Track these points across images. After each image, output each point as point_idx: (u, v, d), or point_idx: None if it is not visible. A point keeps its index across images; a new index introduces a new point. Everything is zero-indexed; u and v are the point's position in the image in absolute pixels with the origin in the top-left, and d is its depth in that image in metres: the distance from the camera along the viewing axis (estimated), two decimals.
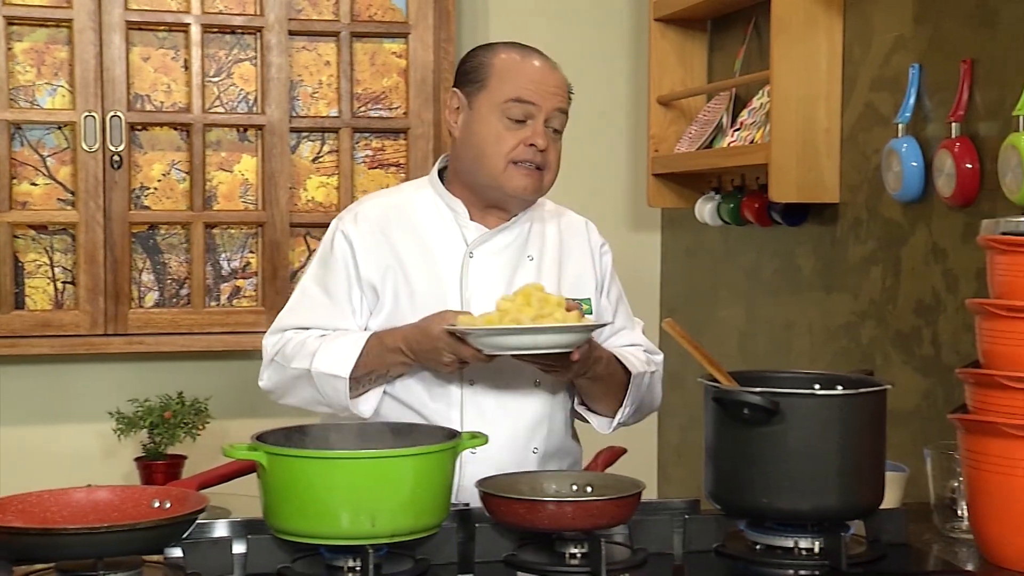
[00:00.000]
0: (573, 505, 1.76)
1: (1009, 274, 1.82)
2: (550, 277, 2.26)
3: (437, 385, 2.19)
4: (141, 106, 3.65)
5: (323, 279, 2.25)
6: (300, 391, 2.21)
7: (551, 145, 2.20)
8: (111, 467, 3.59)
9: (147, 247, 3.69)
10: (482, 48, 2.28)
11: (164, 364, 3.67)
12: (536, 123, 2.18)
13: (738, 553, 1.83)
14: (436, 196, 2.28)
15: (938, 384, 2.64)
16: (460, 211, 2.25)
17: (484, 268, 2.23)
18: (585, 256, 2.35)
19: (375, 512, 1.68)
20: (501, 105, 2.18)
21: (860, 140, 2.95)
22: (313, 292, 2.25)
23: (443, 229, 2.25)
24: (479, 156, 2.20)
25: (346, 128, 3.77)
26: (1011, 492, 1.77)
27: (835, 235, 3.06)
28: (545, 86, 2.19)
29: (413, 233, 2.24)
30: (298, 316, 2.25)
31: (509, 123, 2.18)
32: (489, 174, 2.19)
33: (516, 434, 2.21)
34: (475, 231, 2.25)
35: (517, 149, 2.17)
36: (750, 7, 3.39)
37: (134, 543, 1.62)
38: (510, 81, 2.19)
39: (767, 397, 1.79)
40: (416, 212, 2.27)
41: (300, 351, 2.19)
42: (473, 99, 2.22)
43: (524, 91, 2.17)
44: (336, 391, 2.14)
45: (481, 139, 2.19)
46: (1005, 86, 2.42)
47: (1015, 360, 1.78)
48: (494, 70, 2.20)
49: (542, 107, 2.18)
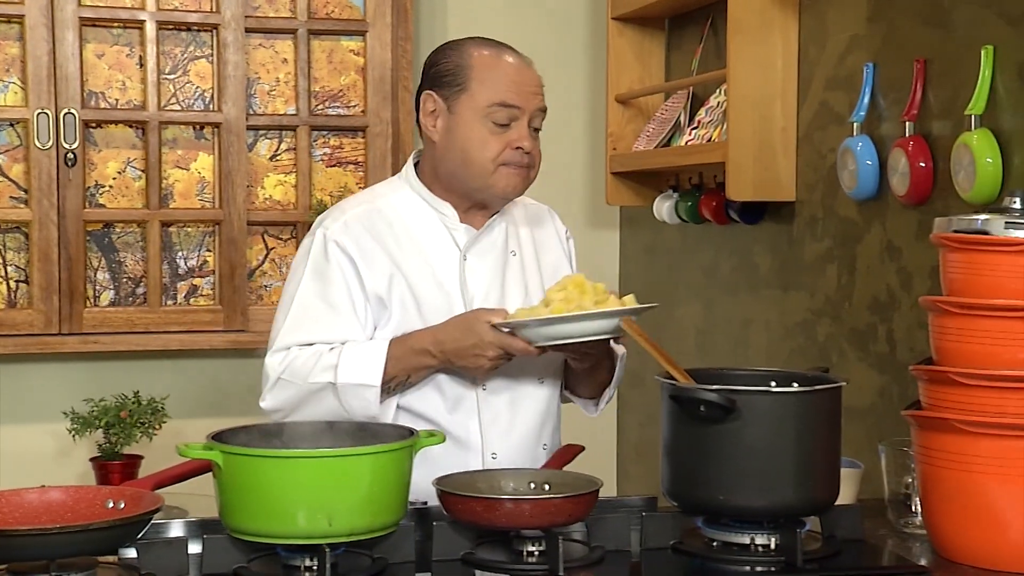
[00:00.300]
0: (531, 503, 1.76)
1: (961, 272, 1.84)
2: (531, 269, 2.28)
3: (454, 394, 2.17)
4: (95, 103, 3.62)
5: (322, 291, 2.17)
6: (317, 406, 2.12)
7: (534, 145, 2.19)
8: (66, 467, 3.56)
9: (102, 245, 3.66)
10: (453, 48, 2.22)
11: (120, 363, 3.64)
12: (520, 125, 2.16)
13: (695, 550, 1.83)
14: (418, 198, 2.25)
15: (893, 381, 2.66)
16: (449, 213, 2.23)
17: (478, 269, 2.22)
18: (556, 245, 2.37)
19: (332, 511, 1.67)
20: (485, 110, 2.15)
21: (816, 139, 2.97)
22: (313, 305, 2.17)
23: (433, 233, 2.23)
24: (466, 162, 2.17)
25: (304, 126, 3.75)
26: (963, 488, 1.79)
27: (791, 233, 3.08)
28: (526, 87, 2.17)
29: (405, 238, 2.21)
30: (302, 332, 2.16)
31: (494, 127, 2.15)
32: (477, 178, 2.17)
33: (528, 433, 2.21)
34: (464, 233, 2.23)
35: (504, 153, 2.16)
36: (707, 6, 3.40)
37: (87, 544, 1.61)
38: (491, 84, 2.16)
39: (724, 395, 1.80)
40: (402, 216, 2.23)
41: (316, 365, 2.11)
42: (453, 103, 2.18)
43: (507, 95, 2.15)
44: (365, 401, 2.09)
45: (466, 144, 2.16)
46: (957, 85, 2.44)
47: (967, 356, 1.80)
48: (474, 72, 2.17)
49: (525, 109, 2.16)
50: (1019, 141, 2.27)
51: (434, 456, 2.03)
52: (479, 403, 2.19)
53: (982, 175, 2.30)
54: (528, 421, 2.21)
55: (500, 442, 2.19)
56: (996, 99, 2.32)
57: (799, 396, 1.85)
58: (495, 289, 2.21)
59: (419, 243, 2.21)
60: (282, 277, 3.80)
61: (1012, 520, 1.76)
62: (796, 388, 1.87)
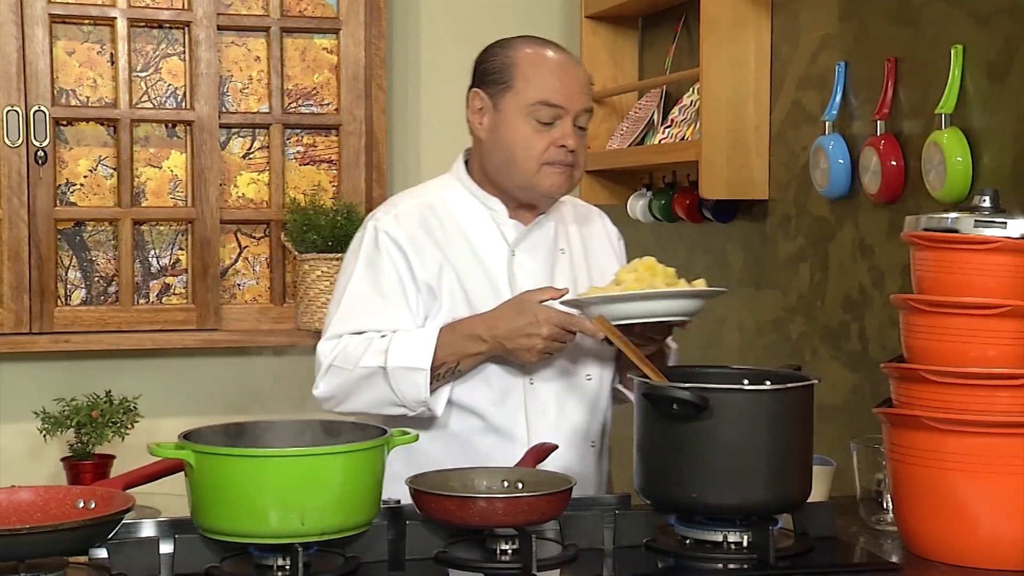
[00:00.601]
0: (504, 501, 1.76)
1: (931, 270, 1.85)
2: (580, 267, 2.29)
3: (501, 386, 2.18)
4: (66, 101, 3.60)
5: (374, 281, 2.19)
6: (368, 392, 2.14)
7: (579, 143, 2.20)
8: (37, 467, 3.54)
9: (73, 244, 3.63)
10: (502, 46, 2.24)
11: (92, 363, 3.61)
12: (565, 123, 2.17)
13: (668, 547, 1.84)
14: (468, 194, 2.27)
15: (865, 378, 2.68)
16: (498, 209, 2.25)
17: (526, 265, 2.23)
18: (605, 246, 2.38)
19: (304, 510, 1.66)
20: (529, 108, 2.16)
21: (788, 137, 2.99)
22: (366, 295, 2.19)
23: (483, 228, 2.24)
24: (510, 160, 2.19)
25: (277, 124, 3.74)
26: (934, 485, 1.80)
27: (764, 232, 3.09)
28: (571, 87, 2.18)
29: (456, 233, 2.23)
30: (354, 321, 2.18)
31: (538, 125, 2.17)
32: (522, 176, 2.19)
33: (576, 430, 2.21)
34: (513, 229, 2.25)
35: (548, 151, 2.17)
36: (680, 5, 3.41)
37: (57, 544, 1.59)
38: (536, 83, 2.17)
39: (696, 392, 1.80)
40: (452, 211, 2.25)
41: (367, 350, 2.13)
42: (498, 100, 2.20)
43: (552, 94, 2.16)
44: (415, 385, 2.10)
45: (511, 142, 2.18)
46: (928, 84, 2.45)
47: (938, 354, 1.81)
48: (519, 70, 2.18)
49: (569, 109, 2.17)
50: (989, 140, 2.29)
51: (480, 449, 2.08)
52: (526, 396, 2.19)
53: (952, 174, 2.31)
54: (576, 417, 2.21)
55: (547, 437, 2.18)
56: (966, 98, 2.34)
57: (772, 394, 1.86)
58: (543, 285, 2.20)
59: (469, 237, 2.23)
60: (256, 276, 3.79)
61: (981, 516, 1.78)
62: (769, 386, 1.88)
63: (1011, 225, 1.81)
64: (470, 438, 2.17)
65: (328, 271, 3.60)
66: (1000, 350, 1.79)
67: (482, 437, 2.16)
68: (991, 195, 1.86)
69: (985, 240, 1.80)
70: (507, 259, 2.23)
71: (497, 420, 2.17)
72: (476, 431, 2.18)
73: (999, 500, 1.77)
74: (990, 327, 1.79)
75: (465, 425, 2.19)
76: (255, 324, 3.75)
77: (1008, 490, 1.76)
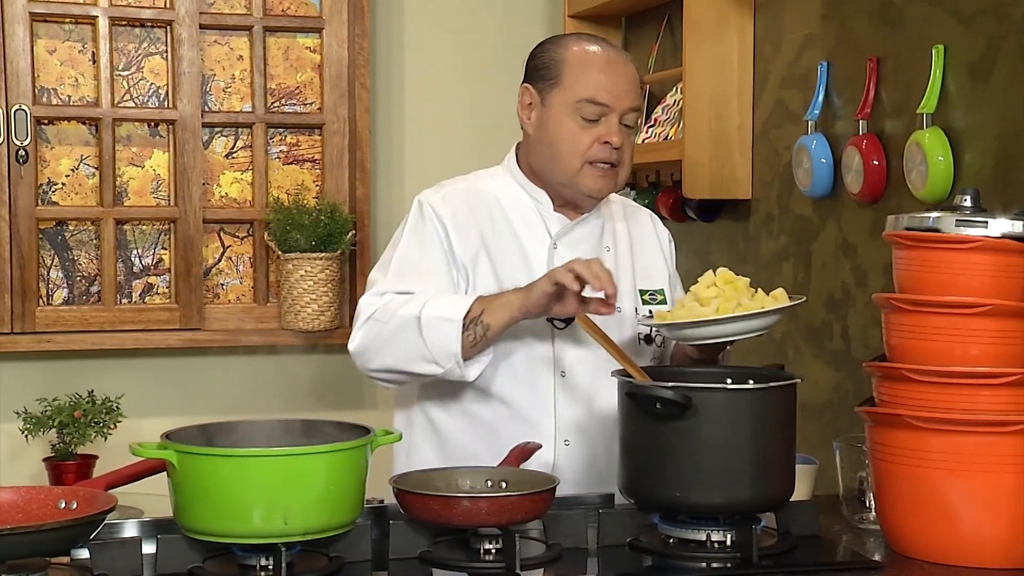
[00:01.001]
0: (488, 501, 1.76)
1: (912, 269, 1.86)
2: (625, 267, 2.28)
3: (530, 377, 2.17)
4: (47, 100, 3.58)
5: (420, 251, 2.20)
6: (401, 344, 2.10)
7: (625, 141, 2.19)
8: (18, 468, 3.52)
9: (55, 243, 3.62)
10: (552, 42, 2.26)
11: (74, 363, 3.60)
12: (610, 121, 2.17)
13: (651, 546, 1.84)
14: (517, 186, 2.27)
15: (848, 377, 2.68)
16: (544, 201, 2.25)
17: (567, 259, 2.18)
18: (655, 248, 2.37)
19: (288, 510, 1.66)
20: (574, 104, 2.17)
21: (771, 137, 2.99)
22: (414, 261, 2.20)
23: (527, 219, 2.25)
24: (555, 155, 2.19)
25: (260, 123, 3.73)
26: (916, 483, 1.81)
27: (748, 231, 3.09)
28: (618, 86, 2.18)
29: (501, 222, 2.23)
30: (401, 282, 2.17)
31: (583, 122, 2.17)
32: (565, 173, 2.19)
33: (605, 423, 2.16)
34: (557, 222, 2.25)
35: (592, 148, 2.17)
36: (663, 5, 3.42)
37: (39, 545, 1.59)
38: (583, 80, 2.17)
39: (679, 392, 1.80)
40: (499, 200, 2.26)
41: (407, 303, 2.11)
42: (546, 96, 2.20)
43: (598, 92, 2.16)
44: (445, 337, 2.06)
45: (556, 137, 2.19)
46: (910, 84, 2.46)
47: (919, 353, 1.82)
48: (567, 66, 2.19)
49: (615, 108, 2.17)
50: (970, 140, 2.30)
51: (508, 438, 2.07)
52: (555, 389, 2.19)
53: (934, 173, 2.32)
54: (606, 410, 2.16)
55: (575, 432, 2.18)
56: (947, 98, 2.35)
57: (755, 393, 1.86)
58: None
59: (513, 227, 2.23)
60: (239, 275, 3.78)
61: (963, 515, 1.78)
62: (752, 385, 1.88)
63: (992, 224, 1.82)
64: (498, 427, 2.16)
65: (312, 270, 3.59)
66: (982, 349, 1.80)
67: (511, 427, 2.15)
68: (972, 195, 1.87)
69: (966, 239, 1.81)
70: (548, 251, 2.23)
71: (527, 410, 2.17)
72: (505, 420, 2.17)
73: (981, 498, 1.77)
74: (972, 326, 1.79)
75: (493, 414, 2.18)
76: (238, 324, 3.74)
77: (990, 488, 1.77)
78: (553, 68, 2.21)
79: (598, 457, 2.17)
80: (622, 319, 2.22)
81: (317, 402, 3.73)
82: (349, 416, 2.15)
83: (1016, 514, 1.77)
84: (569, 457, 2.17)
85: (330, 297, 3.62)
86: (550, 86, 2.20)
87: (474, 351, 2.09)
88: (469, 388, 2.18)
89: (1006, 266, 1.82)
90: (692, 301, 2.03)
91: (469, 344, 2.08)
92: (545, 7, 3.97)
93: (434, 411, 2.21)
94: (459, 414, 2.20)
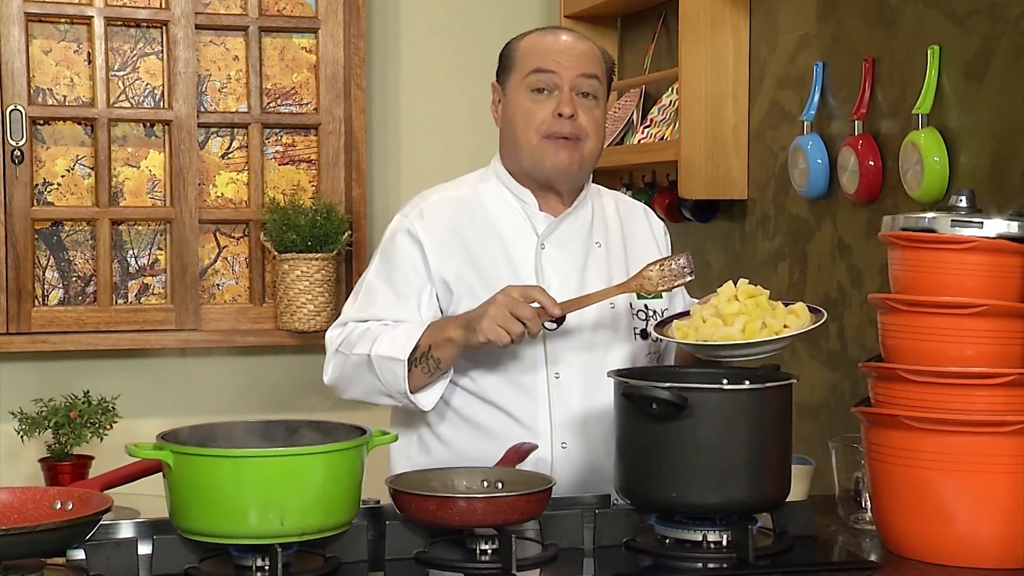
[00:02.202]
0: (484, 501, 1.76)
1: (908, 269, 1.86)
2: (618, 263, 2.25)
3: (525, 382, 2.16)
4: (43, 100, 3.58)
5: (389, 275, 2.20)
6: (361, 380, 2.15)
7: (582, 112, 2.16)
8: (14, 468, 3.52)
9: (51, 244, 3.62)
10: (514, 38, 2.27)
11: (70, 363, 3.60)
12: (562, 92, 2.15)
13: (648, 547, 1.84)
14: (503, 187, 2.25)
15: (844, 378, 2.69)
16: (529, 201, 2.23)
17: (557, 258, 2.21)
18: (649, 242, 2.34)
19: (284, 510, 1.66)
20: (524, 80, 2.17)
21: (767, 137, 2.99)
22: (378, 287, 2.21)
23: (513, 221, 2.23)
24: (515, 139, 2.19)
25: (256, 124, 3.73)
26: (912, 483, 1.81)
27: (744, 231, 3.10)
28: (566, 55, 2.17)
29: (485, 228, 2.22)
30: (362, 310, 2.20)
31: (535, 95, 2.16)
32: (527, 155, 2.18)
33: (603, 425, 2.13)
34: (543, 221, 2.23)
35: (547, 123, 2.15)
36: (659, 5, 3.42)
37: (34, 545, 1.59)
38: (531, 56, 2.18)
39: (676, 392, 1.80)
40: (484, 206, 2.24)
41: (362, 338, 2.14)
42: (505, 85, 2.22)
43: (544, 60, 2.16)
44: (395, 376, 2.09)
45: (513, 119, 2.19)
46: (905, 84, 2.46)
47: (915, 353, 1.82)
48: (519, 51, 2.21)
49: (564, 75, 2.15)
50: (965, 140, 2.30)
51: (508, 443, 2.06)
52: (550, 391, 2.17)
53: (930, 174, 2.33)
54: (602, 412, 2.14)
55: (572, 433, 2.17)
56: (942, 98, 2.35)
57: (751, 393, 1.86)
58: (573, 279, 2.19)
59: (499, 231, 2.22)
60: (235, 276, 3.78)
61: (959, 515, 1.78)
62: (748, 386, 1.88)
63: (987, 225, 1.82)
64: (498, 432, 2.15)
65: (307, 271, 3.59)
66: (977, 349, 1.80)
67: (507, 430, 2.15)
68: (968, 195, 1.87)
69: (962, 240, 1.81)
70: (536, 252, 2.21)
71: (523, 415, 2.16)
72: (501, 424, 2.17)
73: (977, 499, 1.78)
74: (967, 326, 1.80)
75: (492, 419, 2.17)
76: (234, 324, 3.74)
77: (985, 489, 1.77)
78: (508, 58, 2.23)
79: (597, 459, 2.16)
80: (616, 315, 2.21)
81: (313, 402, 3.73)
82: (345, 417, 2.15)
83: (1012, 514, 1.77)
84: (567, 460, 2.16)
85: (326, 297, 3.62)
86: (507, 75, 2.22)
87: (433, 378, 2.13)
88: (465, 393, 2.19)
89: (1001, 266, 1.82)
90: (714, 316, 2.00)
91: (426, 376, 2.11)
92: (541, 8, 3.97)
93: (431, 416, 2.21)
94: (455, 419, 2.20)
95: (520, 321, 2.00)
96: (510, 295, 2.02)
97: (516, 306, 2.00)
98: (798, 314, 1.98)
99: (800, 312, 1.98)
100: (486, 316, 2.01)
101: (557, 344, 2.18)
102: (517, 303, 2.00)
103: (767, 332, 1.94)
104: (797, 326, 1.96)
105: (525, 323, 2.00)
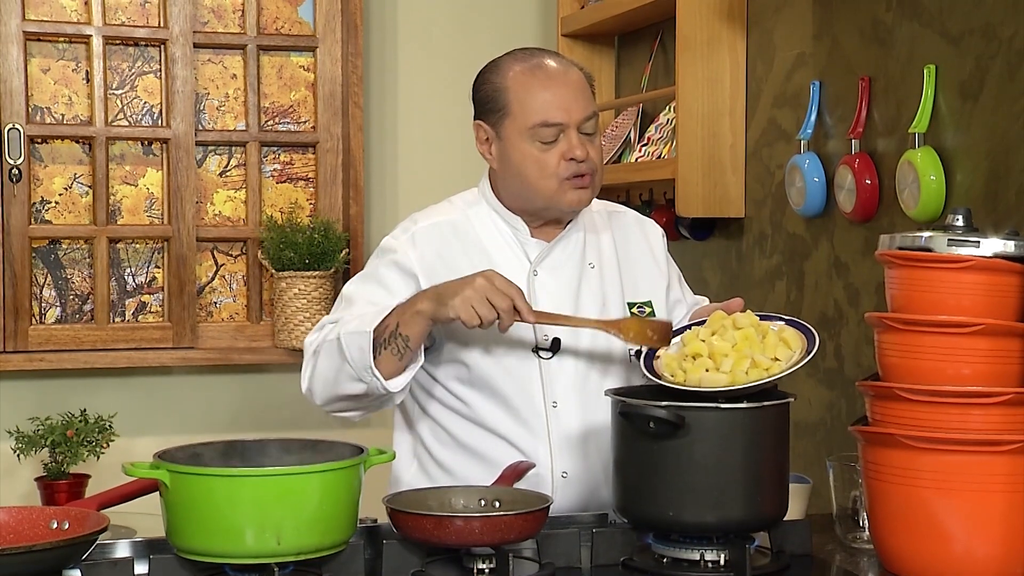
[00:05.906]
0: (481, 520, 1.76)
1: (905, 288, 1.86)
2: (612, 282, 2.23)
3: (524, 411, 2.15)
4: (41, 118, 3.58)
5: (371, 294, 2.17)
6: (330, 369, 2.08)
7: (590, 148, 2.15)
8: (10, 487, 3.51)
9: (48, 262, 3.62)
10: (491, 71, 2.21)
11: (67, 381, 3.59)
12: (570, 136, 2.13)
13: (645, 566, 1.84)
14: (493, 212, 2.23)
15: (841, 396, 2.69)
16: (520, 228, 2.21)
17: (550, 284, 2.19)
18: (644, 253, 2.31)
19: (280, 529, 1.66)
20: (528, 131, 2.13)
21: (764, 156, 3.00)
22: (357, 299, 2.18)
23: (504, 248, 2.21)
24: (526, 184, 2.16)
25: (254, 142, 3.73)
26: (909, 502, 1.81)
27: (741, 249, 3.10)
28: (567, 99, 2.14)
29: (476, 255, 2.19)
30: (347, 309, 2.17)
31: (542, 145, 2.13)
32: (543, 197, 2.15)
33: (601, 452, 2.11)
34: (535, 247, 2.21)
35: (561, 167, 2.13)
36: (656, 24, 3.43)
37: (30, 565, 1.58)
38: (530, 104, 2.13)
39: (673, 411, 1.80)
40: (476, 229, 2.22)
41: (335, 328, 2.11)
42: (499, 128, 2.17)
43: (548, 113, 2.12)
44: (361, 352, 2.02)
45: (521, 167, 2.15)
46: (901, 103, 2.47)
47: (912, 372, 1.82)
48: (511, 94, 2.15)
49: (569, 122, 2.13)
50: (962, 159, 2.31)
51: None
52: (548, 420, 2.15)
53: (926, 192, 2.33)
54: (601, 439, 2.09)
55: (572, 461, 2.15)
56: (939, 117, 2.36)
57: (748, 412, 1.86)
58: (567, 303, 2.17)
59: (490, 257, 2.19)
60: (232, 294, 3.78)
61: (956, 534, 1.78)
62: (745, 404, 1.88)
63: (984, 244, 1.82)
64: (498, 460, 2.12)
65: (305, 289, 3.59)
66: (974, 368, 1.80)
67: (511, 459, 2.12)
68: (964, 214, 1.88)
69: (959, 259, 1.81)
70: (528, 278, 2.18)
71: (523, 445, 2.14)
72: (502, 453, 2.14)
73: (973, 518, 1.77)
74: (964, 346, 1.80)
75: (493, 448, 2.16)
76: (232, 342, 3.74)
77: (982, 508, 1.77)
78: (498, 99, 2.16)
79: (598, 486, 2.15)
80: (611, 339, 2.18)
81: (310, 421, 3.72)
82: (342, 435, 2.15)
83: (1008, 533, 1.77)
84: (568, 488, 2.14)
85: (324, 315, 3.61)
86: (500, 118, 2.16)
87: (402, 364, 2.06)
88: (464, 421, 2.17)
89: (998, 286, 1.82)
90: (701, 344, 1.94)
91: (395, 358, 2.04)
92: (538, 27, 3.98)
93: (431, 443, 2.20)
94: (455, 446, 2.18)
95: (495, 310, 1.98)
96: (492, 281, 1.99)
97: (494, 294, 1.98)
98: (789, 343, 1.94)
99: (791, 341, 1.94)
100: (460, 294, 1.98)
101: (553, 374, 2.16)
102: (496, 292, 1.98)
103: (755, 372, 1.90)
104: (786, 359, 1.92)
105: (500, 313, 1.98)
